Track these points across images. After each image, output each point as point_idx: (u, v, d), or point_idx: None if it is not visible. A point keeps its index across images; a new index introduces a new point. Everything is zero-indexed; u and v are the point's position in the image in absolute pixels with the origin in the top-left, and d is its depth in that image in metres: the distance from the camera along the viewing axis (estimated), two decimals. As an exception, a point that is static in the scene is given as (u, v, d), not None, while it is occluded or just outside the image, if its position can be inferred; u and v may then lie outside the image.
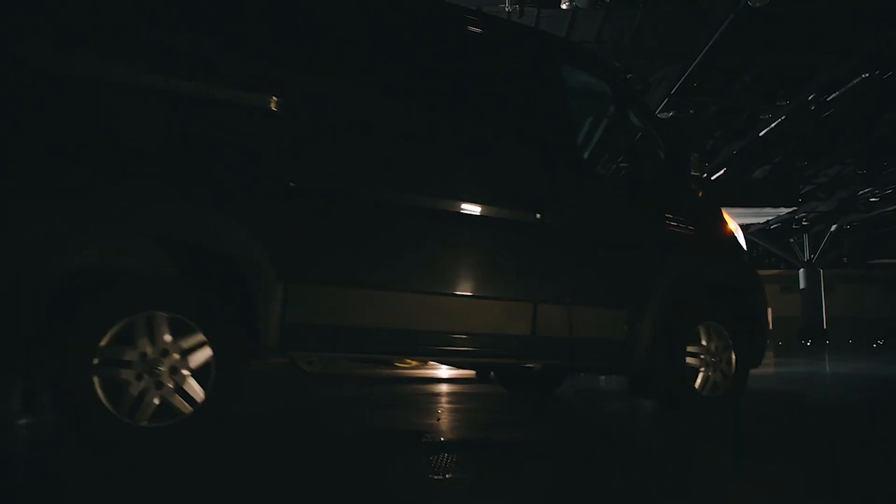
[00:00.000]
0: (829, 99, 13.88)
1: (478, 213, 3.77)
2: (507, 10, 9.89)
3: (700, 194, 4.78)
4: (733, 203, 20.18)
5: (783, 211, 21.54)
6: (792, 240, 32.69)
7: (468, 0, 10.31)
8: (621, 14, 10.63)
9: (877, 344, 29.95)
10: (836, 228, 29.53)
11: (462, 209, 3.73)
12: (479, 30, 4.09)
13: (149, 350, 2.89)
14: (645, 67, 12.32)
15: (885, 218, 26.91)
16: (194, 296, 3.12)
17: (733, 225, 4.95)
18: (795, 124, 15.52)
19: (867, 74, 12.62)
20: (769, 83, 13.45)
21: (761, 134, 15.86)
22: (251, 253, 3.09)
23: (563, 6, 10.16)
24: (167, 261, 3.20)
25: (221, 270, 3.13)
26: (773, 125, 15.12)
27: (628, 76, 13.37)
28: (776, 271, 41.88)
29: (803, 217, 25.18)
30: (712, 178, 19.49)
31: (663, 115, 14.74)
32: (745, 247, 5.04)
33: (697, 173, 4.47)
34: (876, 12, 10.23)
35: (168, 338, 2.94)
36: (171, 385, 2.93)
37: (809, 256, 33.05)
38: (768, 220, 24.29)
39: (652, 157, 4.67)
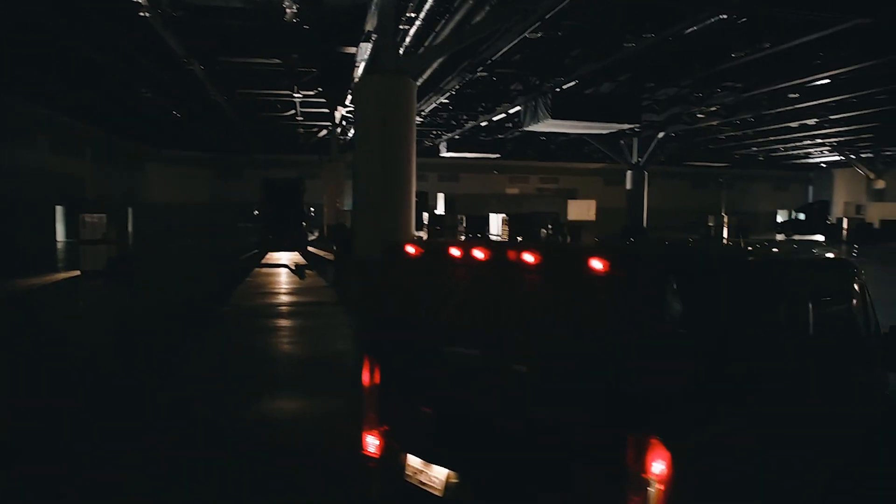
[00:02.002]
0: (686, 32, 14.27)
1: None
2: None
3: None
4: (581, 117, 20.83)
5: (626, 126, 22.57)
6: (622, 142, 34.74)
7: None
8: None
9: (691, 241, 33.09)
10: (662, 136, 31.78)
11: None
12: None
13: None
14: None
15: (702, 130, 29.89)
16: None
17: None
18: (650, 51, 15.92)
19: (725, 16, 13.05)
20: (639, 15, 13.54)
21: (617, 58, 16.16)
22: None
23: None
24: None
25: None
26: (630, 51, 15.41)
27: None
28: (601, 165, 44.91)
29: (636, 126, 26.70)
30: (562, 89, 19.76)
31: (533, 37, 14.49)
32: None
33: None
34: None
35: None
36: None
37: (637, 160, 35.39)
38: (611, 132, 25.49)
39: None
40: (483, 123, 27.54)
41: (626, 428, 2.58)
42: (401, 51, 12.90)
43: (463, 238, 24.70)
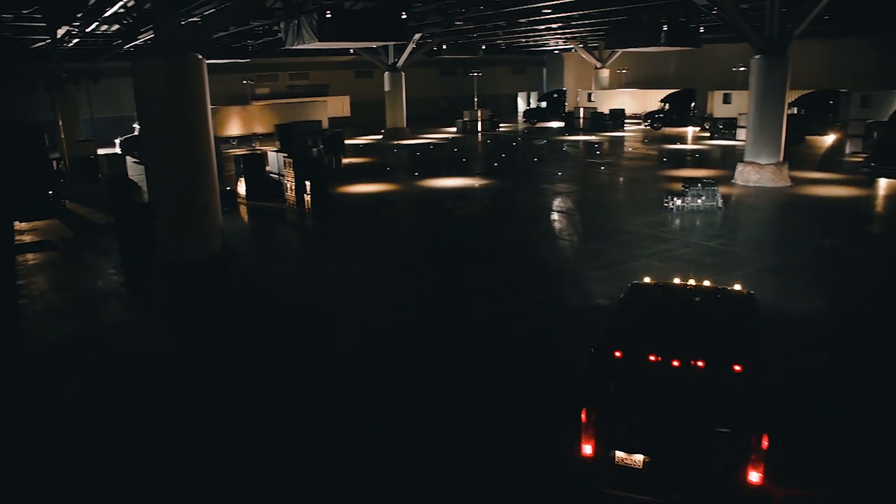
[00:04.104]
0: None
1: None
2: None
3: None
4: (348, 38, 19.83)
5: (392, 42, 22.11)
6: (375, 45, 34.06)
7: None
8: None
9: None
10: (419, 37, 31.67)
11: None
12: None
13: None
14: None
15: (457, 32, 30.50)
16: None
17: None
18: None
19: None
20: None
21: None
22: None
23: None
24: None
25: None
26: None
27: None
28: (350, 58, 43.84)
29: (403, 42, 26.40)
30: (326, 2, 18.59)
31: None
32: None
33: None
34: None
35: None
36: None
37: (394, 61, 35.05)
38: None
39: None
40: (232, 30, 25.06)
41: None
42: (182, 22, 10.91)
43: (241, 180, 21.36)
